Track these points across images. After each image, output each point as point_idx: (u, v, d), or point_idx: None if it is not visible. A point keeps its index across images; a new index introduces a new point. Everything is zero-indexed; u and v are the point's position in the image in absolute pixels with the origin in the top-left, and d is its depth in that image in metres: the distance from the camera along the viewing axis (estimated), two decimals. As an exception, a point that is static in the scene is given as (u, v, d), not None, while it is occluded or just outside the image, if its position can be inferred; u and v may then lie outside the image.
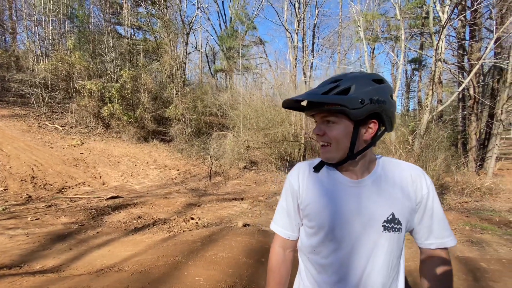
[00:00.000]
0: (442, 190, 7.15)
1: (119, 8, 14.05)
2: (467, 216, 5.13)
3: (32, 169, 6.84)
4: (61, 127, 10.26)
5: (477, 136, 10.34)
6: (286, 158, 10.17)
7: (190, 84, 16.12)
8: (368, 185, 0.73)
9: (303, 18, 14.99)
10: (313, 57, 16.09)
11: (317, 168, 0.79)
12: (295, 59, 14.37)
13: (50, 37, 12.06)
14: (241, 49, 17.97)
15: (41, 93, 10.85)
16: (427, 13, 10.96)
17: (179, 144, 11.36)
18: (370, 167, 0.76)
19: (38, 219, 4.43)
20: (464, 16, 9.43)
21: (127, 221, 4.40)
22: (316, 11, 17.41)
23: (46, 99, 11.00)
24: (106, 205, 5.23)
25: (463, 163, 9.54)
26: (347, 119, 0.69)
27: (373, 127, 0.71)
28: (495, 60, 8.62)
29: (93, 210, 4.90)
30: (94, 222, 4.35)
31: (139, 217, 4.64)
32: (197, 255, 2.60)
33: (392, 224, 0.70)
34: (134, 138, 10.95)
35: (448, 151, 8.90)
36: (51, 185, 6.34)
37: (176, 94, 12.44)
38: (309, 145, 12.00)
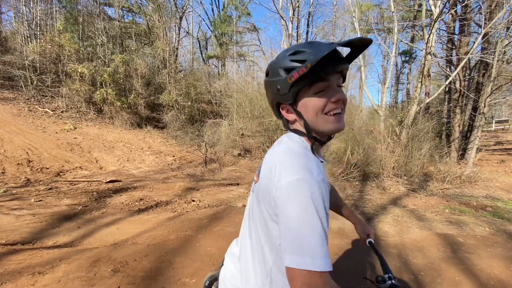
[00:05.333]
0: (425, 178, 7.60)
1: (109, -12, 13.51)
2: (447, 201, 5.57)
3: (27, 153, 6.78)
4: (51, 111, 10.05)
5: (460, 128, 10.90)
6: (280, 146, 10.42)
7: (182, 70, 15.91)
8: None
9: (298, 6, 14.93)
10: (307, 46, 16.11)
11: (318, 157, 0.69)
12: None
13: (38, 17, 11.55)
14: (235, 35, 17.76)
15: (30, 76, 10.51)
16: (420, 6, 11.19)
17: (173, 131, 11.38)
18: None
19: (41, 200, 4.51)
20: (455, 11, 9.72)
21: (130, 203, 4.55)
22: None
23: (35, 82, 10.68)
24: (106, 188, 5.34)
25: (446, 153, 10.09)
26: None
27: None
28: (482, 55, 9.01)
29: (95, 193, 5.01)
30: (97, 204, 4.48)
31: (141, 199, 4.79)
32: (206, 230, 2.82)
33: None
34: (128, 124, 10.88)
35: (433, 142, 9.37)
36: (48, 168, 6.34)
37: (169, 80, 12.32)
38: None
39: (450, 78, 8.67)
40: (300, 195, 0.54)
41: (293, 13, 14.36)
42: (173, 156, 9.02)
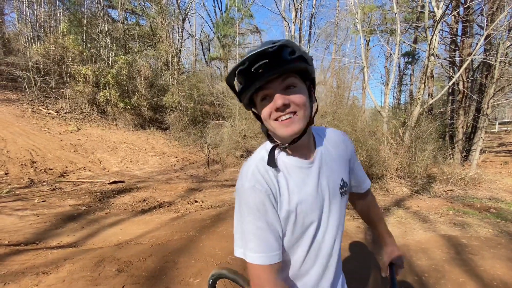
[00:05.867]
0: (429, 179, 7.56)
1: (112, -9, 13.64)
2: (451, 202, 5.54)
3: (31, 153, 6.84)
4: (55, 112, 10.13)
5: (464, 129, 10.84)
6: (282, 147, 10.42)
7: (185, 72, 16.00)
8: (322, 159, 0.73)
9: (301, 8, 14.97)
10: (309, 47, 16.15)
11: (272, 162, 0.66)
12: (292, 49, 14.42)
13: (42, 19, 11.67)
14: (237, 37, 17.84)
15: (33, 77, 10.61)
16: (423, 7, 11.18)
17: (176, 132, 11.43)
18: (311, 139, 0.74)
19: (45, 201, 4.54)
20: (458, 12, 9.71)
21: (133, 204, 4.57)
22: (314, 1, 17.36)
23: (39, 84, 10.77)
24: (110, 188, 5.37)
25: (449, 155, 10.04)
26: (301, 79, 0.65)
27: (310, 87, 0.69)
28: (484, 57, 8.98)
29: (98, 193, 5.04)
30: (101, 204, 4.50)
31: (144, 200, 4.81)
32: (209, 230, 2.83)
33: (344, 188, 0.75)
34: (131, 125, 10.94)
35: (436, 143, 9.33)
36: (51, 169, 6.39)
37: (172, 81, 12.39)
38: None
39: (454, 80, 8.63)
40: (236, 201, 0.67)
41: (296, 15, 14.40)
42: (176, 157, 9.05)
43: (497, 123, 21.90)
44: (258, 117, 0.70)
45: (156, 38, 13.17)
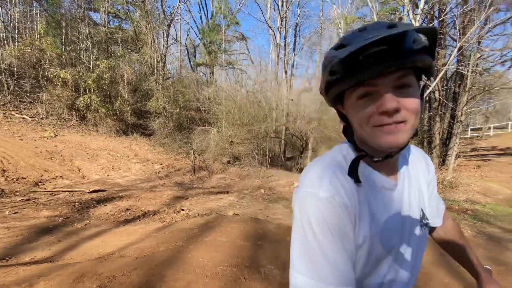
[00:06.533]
0: (410, 183, 7.81)
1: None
2: (432, 206, 5.76)
3: (1, 161, 6.39)
4: (30, 118, 9.59)
5: (440, 135, 11.40)
6: (268, 154, 10.45)
7: (171, 77, 15.77)
8: (405, 182, 0.60)
9: (286, 17, 15.30)
10: (294, 55, 16.50)
11: (355, 174, 0.53)
12: (278, 56, 14.66)
13: (16, 19, 11.13)
14: (224, 44, 17.89)
15: (6, 80, 10.02)
16: (401, 19, 11.76)
17: (160, 138, 11.16)
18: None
19: (17, 212, 4.23)
20: (433, 25, 10.30)
21: (115, 213, 4.36)
22: (298, 11, 17.80)
23: (12, 87, 10.19)
24: (90, 198, 5.10)
25: (428, 160, 10.47)
26: (416, 78, 0.50)
27: None
28: (458, 67, 9.56)
29: (77, 203, 4.77)
30: (80, 215, 4.26)
31: (127, 209, 4.60)
32: (197, 240, 2.73)
33: (424, 221, 0.62)
34: (113, 131, 10.56)
35: (416, 148, 9.71)
36: (25, 178, 5.99)
37: (157, 87, 12.15)
38: (290, 141, 12.40)
39: (430, 88, 9.09)
40: (296, 209, 0.52)
41: (281, 23, 14.69)
42: (161, 164, 8.81)
43: (469, 129, 23.25)
44: (344, 117, 0.57)
45: (140, 42, 12.93)
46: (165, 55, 14.99)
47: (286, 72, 14.99)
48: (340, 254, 0.48)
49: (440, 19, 9.68)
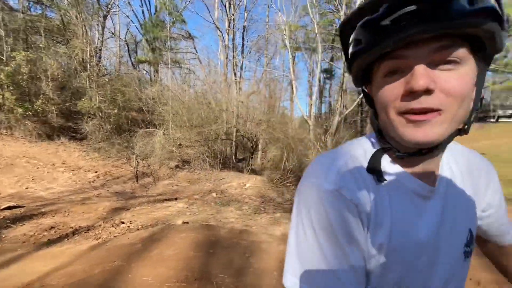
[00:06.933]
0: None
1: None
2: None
3: None
4: None
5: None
6: (219, 156, 10.30)
7: (107, 74, 14.21)
8: (448, 191, 0.48)
9: (234, 19, 15.36)
10: (243, 58, 16.68)
11: (376, 169, 0.44)
12: (226, 58, 14.61)
13: None
14: (169, 41, 16.97)
15: None
16: (337, 30, 13.01)
17: (95, 142, 9.92)
18: (441, 156, 0.48)
19: None
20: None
21: (36, 233, 3.68)
22: (246, 14, 18.07)
23: None
24: (2, 217, 4.20)
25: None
26: (473, 52, 0.37)
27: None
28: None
29: (-19, 226, 3.87)
30: (-15, 240, 3.46)
31: (51, 227, 3.93)
32: (140, 257, 2.48)
33: (470, 246, 0.49)
34: (33, 135, 8.97)
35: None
36: None
37: (90, 84, 10.78)
38: (241, 143, 12.48)
39: (362, 94, 10.25)
40: (296, 203, 0.45)
41: (229, 25, 14.68)
42: (96, 172, 7.83)
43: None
44: (370, 101, 0.46)
45: (69, 34, 11.29)
46: (100, 49, 13.45)
47: (235, 74, 15.04)
48: (341, 261, 0.41)
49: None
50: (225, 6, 14.36)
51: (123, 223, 4.17)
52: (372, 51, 0.38)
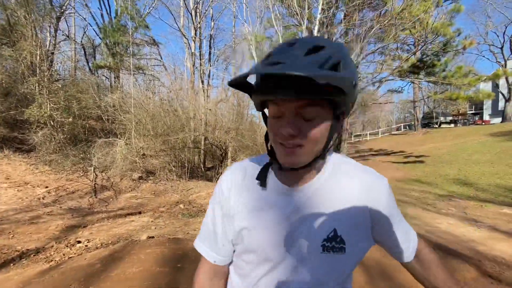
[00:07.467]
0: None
1: None
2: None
3: None
4: None
5: (334, 140, 13.81)
6: (187, 165, 10.02)
7: (60, 79, 13.06)
8: (309, 194, 0.59)
9: (200, 27, 15.32)
10: (210, 66, 16.62)
11: (262, 178, 0.61)
12: (193, 65, 14.43)
13: None
14: (131, 47, 16.25)
15: None
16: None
17: (45, 154, 8.97)
18: (319, 168, 0.62)
19: None
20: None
21: (-28, 261, 3.20)
22: (212, 23, 18.15)
23: None
24: None
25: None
26: (329, 109, 0.51)
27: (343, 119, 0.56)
28: (343, 86, 11.85)
29: None
30: None
31: (-8, 253, 3.45)
32: (99, 278, 2.31)
33: (332, 243, 0.57)
34: (-33, 147, 7.83)
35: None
36: None
37: (40, 90, 9.80)
38: (210, 151, 12.29)
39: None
40: None
41: (195, 33, 14.59)
42: (46, 187, 7.08)
43: (352, 136, 29.12)
44: (266, 123, 0.59)
45: (16, 35, 10.21)
46: (52, 53, 12.38)
47: (202, 81, 14.90)
48: (210, 226, 0.67)
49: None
50: (191, 14, 14.28)
51: (79, 242, 3.82)
52: (259, 95, 0.53)
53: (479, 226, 4.34)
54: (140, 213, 5.87)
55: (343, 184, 0.60)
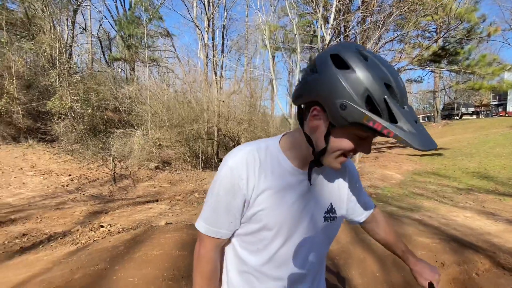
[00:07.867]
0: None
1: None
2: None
3: None
4: None
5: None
6: (201, 156, 10.18)
7: (79, 72, 13.45)
8: (316, 175, 0.71)
9: (213, 18, 15.21)
10: (223, 57, 16.56)
11: (309, 177, 0.69)
12: (206, 57, 14.43)
13: None
14: (146, 39, 16.42)
15: None
16: (315, 32, 13.34)
17: (67, 144, 9.37)
18: None
19: None
20: (340, 39, 12.07)
21: (6, 242, 3.44)
22: (225, 13, 17.96)
23: None
24: (-38, 227, 3.87)
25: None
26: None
27: None
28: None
29: None
30: None
31: (23, 235, 3.69)
32: (123, 259, 2.42)
33: (330, 214, 0.73)
34: (-4, 137, 8.30)
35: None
36: None
37: (60, 82, 10.16)
38: (223, 142, 12.40)
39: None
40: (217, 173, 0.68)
41: (208, 24, 14.51)
42: (70, 175, 7.42)
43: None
44: (301, 116, 0.66)
45: (35, 28, 10.55)
46: (70, 46, 12.73)
47: (215, 73, 14.90)
48: (222, 206, 0.66)
49: (345, 34, 11.42)
50: (204, 4, 14.18)
51: (102, 226, 4.01)
52: (378, 119, 0.50)
53: (497, 219, 4.17)
54: (157, 200, 6.06)
55: (340, 173, 0.78)
